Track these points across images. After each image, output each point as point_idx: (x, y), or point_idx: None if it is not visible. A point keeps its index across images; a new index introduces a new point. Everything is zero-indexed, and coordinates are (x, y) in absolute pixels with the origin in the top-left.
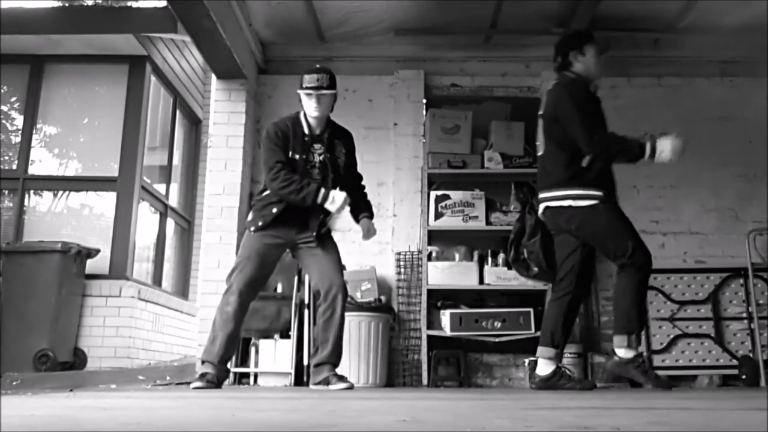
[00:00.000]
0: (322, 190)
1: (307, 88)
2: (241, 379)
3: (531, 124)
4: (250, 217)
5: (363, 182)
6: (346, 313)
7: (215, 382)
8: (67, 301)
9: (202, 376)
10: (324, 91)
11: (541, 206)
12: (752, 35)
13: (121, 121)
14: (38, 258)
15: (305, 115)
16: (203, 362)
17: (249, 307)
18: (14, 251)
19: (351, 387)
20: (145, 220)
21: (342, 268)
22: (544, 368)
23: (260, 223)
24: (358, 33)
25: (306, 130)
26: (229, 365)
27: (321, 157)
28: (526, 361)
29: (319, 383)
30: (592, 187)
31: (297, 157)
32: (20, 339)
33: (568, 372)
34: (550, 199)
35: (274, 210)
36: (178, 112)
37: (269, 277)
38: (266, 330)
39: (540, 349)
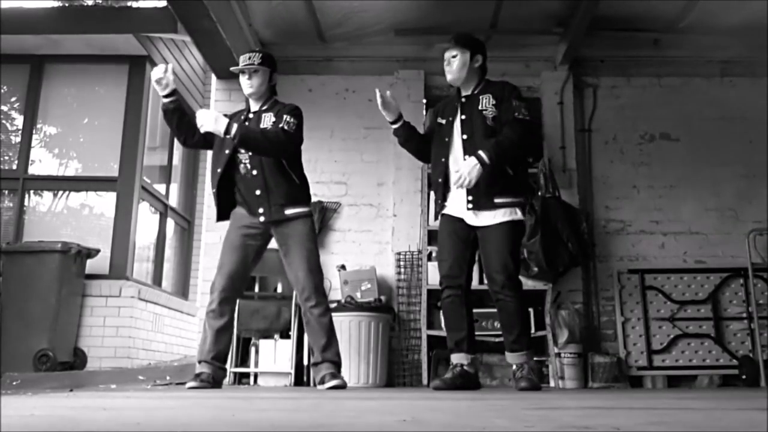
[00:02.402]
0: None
1: (240, 67)
2: (241, 379)
3: None
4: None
5: (281, 126)
6: (347, 314)
7: (210, 381)
8: (67, 301)
9: (197, 375)
10: (256, 67)
11: None
12: (752, 35)
13: (121, 121)
14: (38, 258)
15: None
16: (199, 362)
17: (237, 302)
18: (14, 251)
19: (342, 386)
20: (145, 220)
21: (315, 263)
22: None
23: (223, 214)
24: (358, 33)
25: (245, 112)
26: (227, 365)
27: None
28: None
29: (318, 383)
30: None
31: (227, 136)
32: (20, 339)
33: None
34: None
35: (214, 190)
36: None
37: (252, 268)
38: (266, 330)
39: None
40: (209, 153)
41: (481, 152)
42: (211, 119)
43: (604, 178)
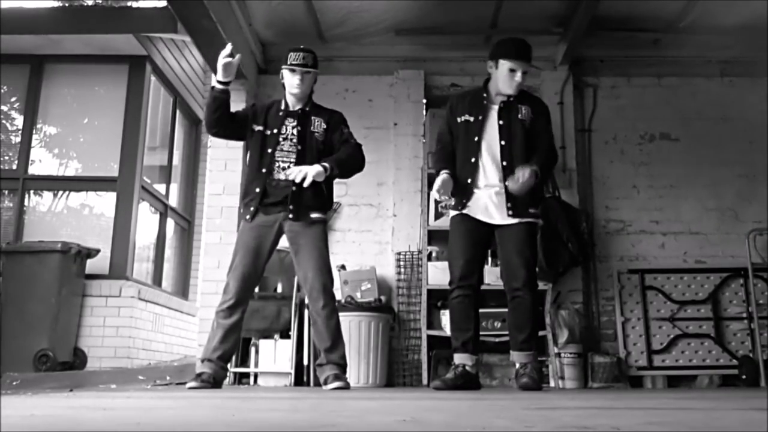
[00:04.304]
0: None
1: (292, 64)
2: (241, 379)
3: None
4: (242, 209)
5: (352, 142)
6: (347, 314)
7: (211, 381)
8: (67, 301)
9: (198, 375)
10: (309, 69)
11: None
12: (752, 35)
13: (121, 121)
14: (38, 258)
15: (285, 95)
16: (202, 361)
17: (248, 303)
18: (14, 251)
19: (345, 387)
20: (145, 220)
21: (325, 264)
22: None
23: (252, 208)
24: (358, 33)
25: (282, 106)
26: (228, 365)
27: (294, 130)
28: None
29: (323, 383)
30: (454, 196)
31: (268, 132)
32: (20, 339)
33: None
34: None
35: (257, 189)
36: (178, 112)
37: (266, 265)
38: (266, 330)
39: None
40: (209, 153)
41: (536, 169)
42: (313, 173)
43: (604, 178)
